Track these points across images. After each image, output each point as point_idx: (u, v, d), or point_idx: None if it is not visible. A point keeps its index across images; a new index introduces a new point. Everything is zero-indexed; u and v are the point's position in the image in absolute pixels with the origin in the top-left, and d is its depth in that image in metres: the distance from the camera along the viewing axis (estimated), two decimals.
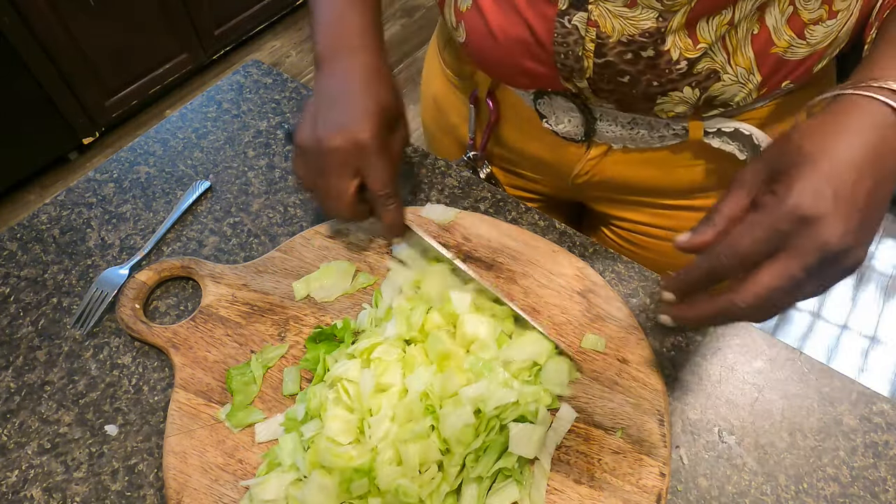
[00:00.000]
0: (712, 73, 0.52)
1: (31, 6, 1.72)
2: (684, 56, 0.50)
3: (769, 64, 0.52)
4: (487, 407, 0.46)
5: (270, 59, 2.44)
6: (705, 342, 0.57)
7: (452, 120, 0.75)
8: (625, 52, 0.51)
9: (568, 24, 0.51)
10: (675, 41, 0.50)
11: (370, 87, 0.54)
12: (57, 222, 0.66)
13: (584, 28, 0.51)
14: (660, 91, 0.53)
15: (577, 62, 0.53)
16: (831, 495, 0.49)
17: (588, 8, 0.50)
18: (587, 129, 0.61)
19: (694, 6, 0.47)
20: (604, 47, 0.51)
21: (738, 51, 0.51)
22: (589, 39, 0.51)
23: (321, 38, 0.57)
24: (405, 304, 0.55)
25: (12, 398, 0.54)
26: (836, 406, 0.54)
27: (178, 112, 0.76)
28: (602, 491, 0.47)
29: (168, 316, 0.59)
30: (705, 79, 0.52)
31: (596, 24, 0.50)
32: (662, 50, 0.50)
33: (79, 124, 2.02)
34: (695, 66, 0.51)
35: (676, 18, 0.48)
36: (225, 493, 0.48)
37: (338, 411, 0.49)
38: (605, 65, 0.53)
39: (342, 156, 0.52)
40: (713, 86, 0.53)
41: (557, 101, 0.60)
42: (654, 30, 0.49)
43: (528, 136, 0.67)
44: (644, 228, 0.71)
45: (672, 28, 0.49)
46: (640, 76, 0.52)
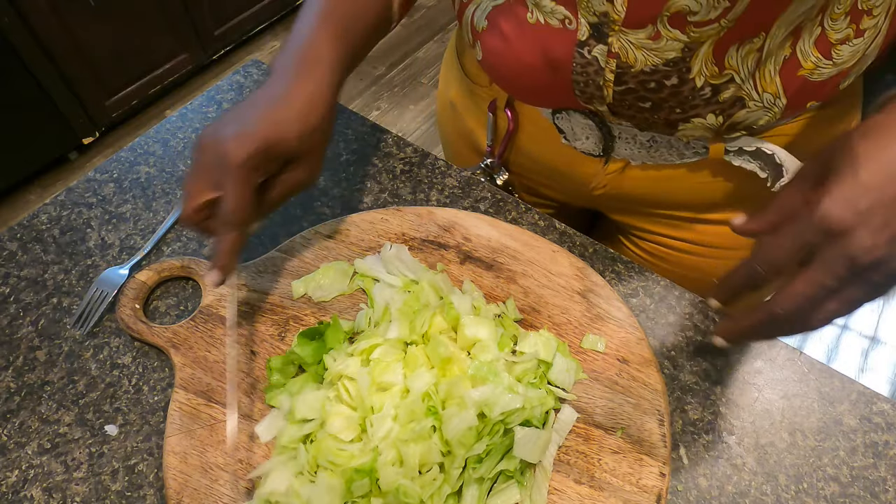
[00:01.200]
0: (737, 101, 0.51)
1: (31, 6, 1.72)
2: (709, 83, 0.49)
3: (795, 87, 0.51)
4: (493, 412, 0.46)
5: (270, 59, 2.43)
6: (705, 342, 0.57)
7: (469, 125, 0.74)
8: (647, 81, 0.50)
9: (587, 55, 0.50)
10: (700, 69, 0.49)
11: (283, 114, 0.47)
12: (57, 222, 0.66)
13: (605, 60, 0.50)
14: (682, 118, 0.52)
15: (596, 90, 0.53)
16: (831, 495, 0.49)
17: (608, 41, 0.49)
18: (606, 146, 0.60)
19: (722, 36, 0.46)
20: (624, 76, 0.50)
21: (766, 76, 0.50)
22: (609, 70, 0.50)
23: (281, 52, 0.52)
24: (407, 305, 0.55)
25: (12, 398, 0.54)
26: (836, 406, 0.54)
27: (178, 112, 0.76)
28: (602, 491, 0.47)
29: (168, 316, 0.59)
30: (730, 106, 0.51)
31: (616, 56, 0.49)
32: (687, 78, 0.49)
33: (79, 124, 2.02)
34: (720, 94, 0.50)
35: (703, 48, 0.47)
36: (225, 493, 0.48)
37: (340, 408, 0.49)
38: (625, 91, 0.52)
39: (207, 162, 0.46)
40: (738, 112, 0.52)
41: (576, 117, 0.59)
42: (678, 59, 0.48)
43: (546, 147, 0.66)
44: (663, 240, 0.70)
45: (698, 57, 0.48)
46: (663, 103, 0.51)
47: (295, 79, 0.49)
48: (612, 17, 0.47)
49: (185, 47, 2.20)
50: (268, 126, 0.46)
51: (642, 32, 0.47)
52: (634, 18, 0.47)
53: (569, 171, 0.67)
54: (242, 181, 0.45)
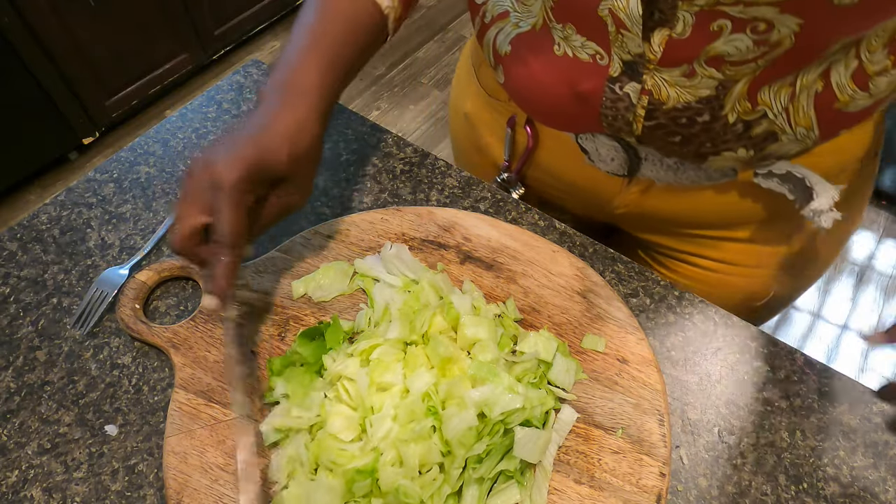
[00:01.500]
0: (770, 135, 0.50)
1: (31, 6, 1.72)
2: (742, 119, 0.49)
3: (829, 118, 0.50)
4: (493, 412, 0.46)
5: (270, 59, 2.44)
6: (705, 342, 0.57)
7: (485, 139, 0.73)
8: (679, 117, 0.49)
9: (619, 91, 0.50)
10: (733, 106, 0.48)
11: (272, 138, 0.47)
12: (57, 222, 0.66)
13: (637, 96, 0.49)
14: (712, 151, 0.52)
15: (625, 124, 0.52)
16: (831, 495, 0.49)
17: (642, 78, 0.48)
18: (631, 168, 0.59)
19: (758, 75, 0.46)
20: (656, 112, 0.50)
21: (799, 111, 0.49)
22: (641, 106, 0.50)
23: (270, 78, 0.52)
24: (407, 305, 0.55)
25: (12, 398, 0.54)
26: (836, 406, 0.54)
27: (178, 112, 0.76)
28: (602, 491, 0.47)
29: (168, 316, 0.59)
30: (762, 140, 0.50)
31: (649, 93, 0.49)
32: (719, 115, 0.48)
33: (79, 124, 2.02)
34: (752, 129, 0.49)
35: (738, 87, 0.46)
36: (225, 493, 0.48)
37: (339, 408, 0.49)
38: (655, 126, 0.51)
39: (198, 187, 0.46)
40: (770, 146, 0.51)
41: (601, 139, 0.58)
42: (712, 97, 0.47)
43: (567, 165, 0.65)
44: (687, 257, 0.69)
45: (732, 95, 0.47)
46: (693, 138, 0.51)
47: (281, 107, 0.49)
48: (648, 57, 0.46)
49: (185, 47, 2.20)
50: (257, 149, 0.46)
51: (677, 70, 0.46)
52: (671, 59, 0.46)
53: (590, 188, 0.65)
54: (236, 203, 0.45)
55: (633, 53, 0.47)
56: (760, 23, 0.41)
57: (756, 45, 0.43)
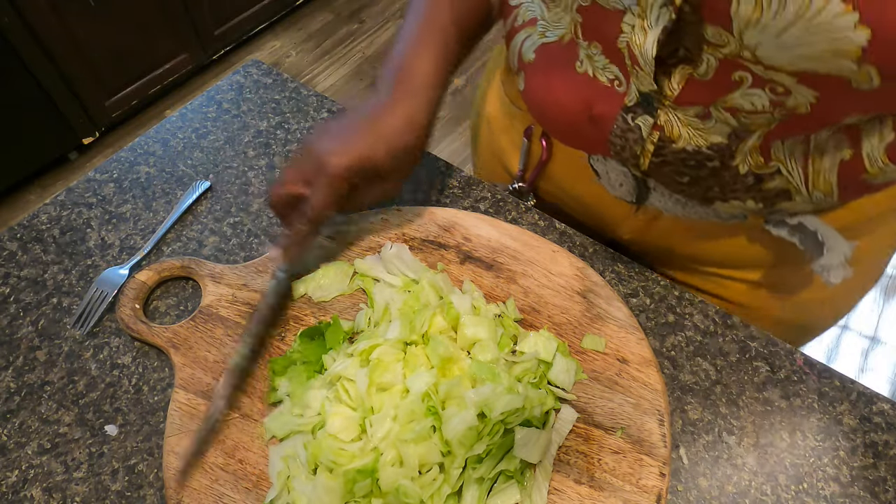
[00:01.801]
0: (783, 192, 0.48)
1: (31, 6, 1.72)
2: (753, 172, 0.47)
3: (852, 187, 0.48)
4: (493, 412, 0.46)
5: (270, 59, 2.44)
6: (705, 342, 0.57)
7: (502, 144, 0.71)
8: (688, 159, 0.48)
9: (630, 122, 0.48)
10: (745, 157, 0.46)
11: (379, 133, 0.51)
12: (57, 222, 0.66)
13: (648, 130, 0.48)
14: (720, 198, 0.50)
15: (632, 156, 0.50)
16: (831, 495, 0.49)
17: (656, 113, 0.47)
18: (639, 196, 0.57)
19: (773, 129, 0.44)
20: (665, 149, 0.48)
21: (820, 176, 0.46)
22: (650, 141, 0.48)
23: (387, 64, 0.55)
24: (407, 305, 0.55)
25: (12, 398, 0.54)
26: (836, 406, 0.54)
27: (178, 112, 0.76)
28: (602, 491, 0.47)
29: (168, 316, 0.59)
30: (774, 196, 0.48)
31: (661, 129, 0.47)
32: (730, 164, 0.47)
33: (79, 124, 2.02)
34: (764, 183, 0.47)
35: (752, 139, 0.45)
36: (225, 493, 0.48)
37: (339, 408, 0.49)
38: (663, 163, 0.50)
39: (307, 162, 0.51)
40: (781, 203, 0.49)
41: (612, 163, 0.56)
42: (724, 145, 0.46)
43: (578, 183, 0.63)
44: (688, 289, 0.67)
45: (745, 146, 0.45)
46: (701, 181, 0.49)
47: (393, 98, 0.52)
48: (665, 93, 0.45)
49: (185, 47, 2.20)
50: (366, 143, 0.50)
51: (692, 110, 0.45)
52: (688, 98, 0.45)
53: (598, 209, 0.64)
54: (332, 189, 0.50)
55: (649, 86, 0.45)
56: (779, 85, 0.40)
57: (773, 104, 0.42)
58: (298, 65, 2.43)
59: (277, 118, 0.75)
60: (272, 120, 0.75)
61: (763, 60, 0.38)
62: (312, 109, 0.76)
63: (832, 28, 0.34)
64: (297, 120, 0.75)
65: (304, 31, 2.55)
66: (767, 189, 0.48)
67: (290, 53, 2.47)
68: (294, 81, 0.79)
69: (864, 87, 0.38)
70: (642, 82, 0.45)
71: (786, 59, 0.38)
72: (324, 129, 0.52)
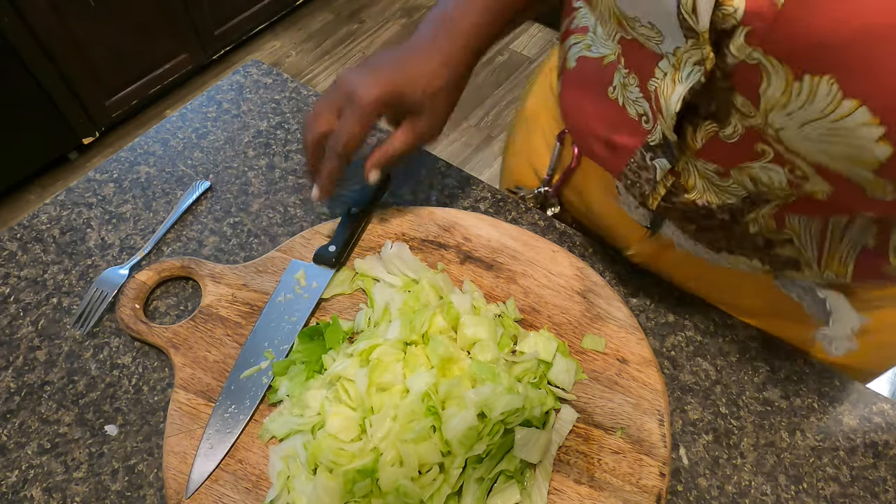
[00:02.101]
0: (792, 262, 0.46)
1: (31, 6, 1.72)
2: (763, 235, 0.45)
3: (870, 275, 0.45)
4: (493, 412, 0.46)
5: (270, 59, 2.44)
6: (705, 342, 0.57)
7: (536, 143, 0.69)
8: (697, 210, 0.46)
9: (647, 161, 0.46)
10: (757, 219, 0.44)
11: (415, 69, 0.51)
12: (57, 222, 0.66)
13: (663, 174, 0.46)
14: (726, 249, 0.49)
15: (641, 194, 0.49)
16: (831, 495, 0.49)
17: (675, 159, 0.45)
18: (653, 223, 0.55)
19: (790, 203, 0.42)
20: (676, 197, 0.46)
21: (836, 258, 0.44)
22: (663, 185, 0.47)
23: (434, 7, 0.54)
24: (407, 304, 0.55)
25: (12, 398, 0.54)
26: (836, 406, 0.54)
27: (178, 112, 0.76)
28: (602, 491, 0.47)
29: (168, 316, 0.59)
30: (782, 263, 0.47)
31: (677, 175, 0.45)
32: (740, 220, 0.45)
33: (79, 124, 2.02)
34: (774, 249, 0.46)
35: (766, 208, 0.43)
36: (225, 493, 0.48)
37: (339, 408, 0.49)
38: (670, 208, 0.48)
39: (337, 96, 0.51)
40: (789, 272, 0.47)
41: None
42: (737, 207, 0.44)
43: (599, 197, 0.62)
44: None
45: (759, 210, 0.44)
46: (709, 231, 0.48)
47: (432, 41, 0.52)
48: (688, 143, 0.43)
49: (185, 47, 2.20)
50: (397, 77, 0.50)
51: (712, 166, 0.43)
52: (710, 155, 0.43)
53: (613, 227, 0.63)
54: (361, 119, 0.50)
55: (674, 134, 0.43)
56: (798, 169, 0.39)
57: (790, 184, 0.40)
58: (298, 65, 2.43)
59: (277, 118, 0.75)
60: (272, 120, 0.75)
61: (784, 142, 0.37)
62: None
63: (855, 136, 0.33)
64: (297, 120, 0.75)
65: (304, 31, 2.55)
66: (776, 255, 0.46)
67: (290, 53, 2.47)
68: (294, 81, 0.79)
69: (878, 196, 0.36)
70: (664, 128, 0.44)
71: (806, 149, 0.36)
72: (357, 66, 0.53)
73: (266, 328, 0.55)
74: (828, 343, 0.53)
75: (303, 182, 0.69)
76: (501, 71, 2.33)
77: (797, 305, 0.54)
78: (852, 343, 0.52)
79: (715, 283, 0.58)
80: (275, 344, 0.54)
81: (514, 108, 2.22)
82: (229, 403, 0.51)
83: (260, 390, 0.52)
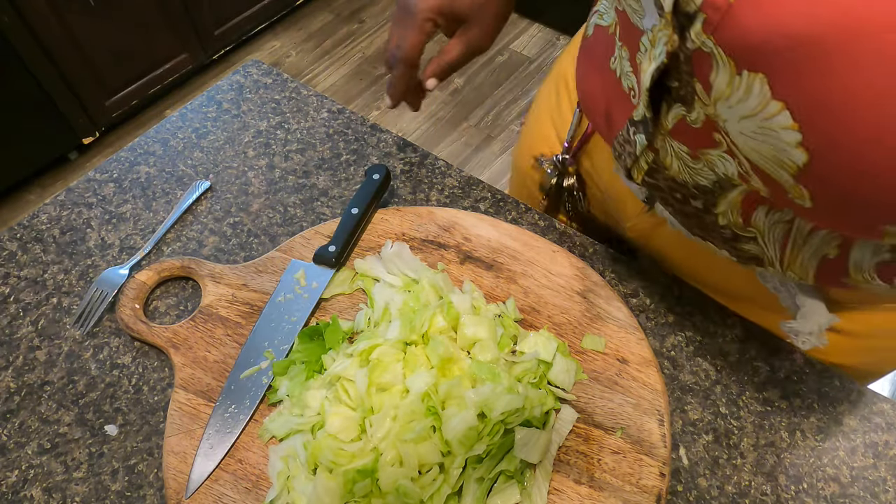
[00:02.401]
0: (756, 259, 0.47)
1: (31, 6, 1.72)
2: (731, 228, 0.46)
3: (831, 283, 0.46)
4: (493, 412, 0.46)
5: (270, 59, 2.44)
6: (705, 342, 0.57)
7: (562, 105, 0.70)
8: (676, 190, 0.48)
9: (631, 135, 0.48)
10: (726, 210, 0.45)
11: None
12: (57, 222, 0.66)
13: (643, 149, 0.47)
14: (701, 236, 0.50)
15: (626, 168, 0.51)
16: (831, 495, 0.49)
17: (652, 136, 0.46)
18: (649, 198, 0.56)
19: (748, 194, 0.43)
20: (657, 173, 0.48)
21: (797, 261, 0.45)
22: (644, 160, 0.48)
23: None
24: (407, 305, 0.55)
25: (12, 398, 0.54)
26: (836, 406, 0.54)
27: (178, 112, 0.76)
28: (602, 491, 0.47)
29: (168, 316, 0.59)
30: (747, 259, 0.48)
31: (656, 152, 0.47)
32: (711, 210, 0.46)
33: (79, 124, 2.02)
34: (739, 243, 0.47)
35: (733, 193, 0.44)
36: (225, 492, 0.48)
37: (339, 408, 0.49)
38: (654, 185, 0.50)
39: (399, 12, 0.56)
40: (754, 266, 0.48)
41: None
42: (708, 189, 0.45)
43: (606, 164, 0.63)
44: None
45: (726, 199, 0.44)
46: (686, 217, 0.49)
47: None
48: (662, 122, 0.45)
49: (185, 47, 2.20)
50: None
51: (684, 147, 0.44)
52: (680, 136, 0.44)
53: (615, 199, 0.63)
54: (417, 28, 0.55)
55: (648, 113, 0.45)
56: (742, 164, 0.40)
57: (741, 177, 0.41)
58: (298, 65, 2.43)
59: (277, 118, 0.75)
60: (272, 120, 0.75)
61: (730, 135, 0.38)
62: (312, 109, 0.76)
63: (779, 138, 0.34)
64: (297, 120, 0.75)
65: (304, 31, 2.55)
66: (742, 249, 0.48)
67: (290, 53, 2.47)
68: (294, 81, 0.79)
69: (798, 202, 0.38)
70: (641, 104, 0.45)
71: (742, 144, 0.37)
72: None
73: (266, 328, 0.55)
74: (794, 336, 0.53)
75: (303, 182, 0.69)
76: (501, 71, 2.33)
77: (774, 297, 0.55)
78: (821, 340, 0.52)
79: (704, 264, 0.59)
80: (275, 344, 0.54)
81: (514, 108, 2.22)
82: (229, 403, 0.51)
83: (260, 390, 0.52)
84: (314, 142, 0.72)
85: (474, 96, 2.26)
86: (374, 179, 0.63)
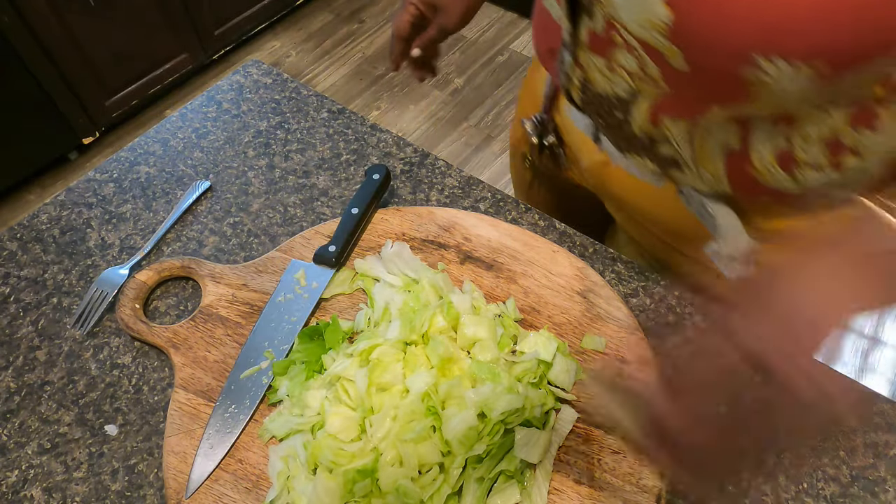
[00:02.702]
0: (673, 162, 0.50)
1: (31, 6, 1.72)
2: (646, 133, 0.49)
3: (743, 181, 0.48)
4: (493, 412, 0.46)
5: (270, 59, 2.43)
6: None
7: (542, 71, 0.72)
8: (602, 104, 0.51)
9: (564, 57, 0.52)
10: (640, 121, 0.49)
11: None
12: (57, 222, 0.66)
13: (572, 67, 0.51)
14: (626, 149, 0.53)
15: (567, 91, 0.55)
16: (831, 495, 0.49)
17: (577, 54, 0.50)
18: (595, 135, 0.60)
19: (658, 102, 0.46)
20: (587, 90, 0.52)
21: (706, 154, 0.48)
22: (576, 78, 0.52)
23: None
24: (407, 304, 0.55)
25: (12, 398, 0.54)
26: (836, 406, 0.54)
27: (178, 112, 0.76)
28: (602, 491, 0.47)
29: (168, 316, 0.59)
30: (666, 163, 0.51)
31: (583, 69, 0.50)
32: (629, 119, 0.49)
33: (79, 124, 2.02)
34: (657, 147, 0.50)
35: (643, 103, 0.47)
36: (225, 492, 0.48)
37: (339, 408, 0.49)
38: (588, 102, 0.53)
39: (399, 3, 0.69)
40: (674, 172, 0.51)
41: None
42: (625, 99, 0.48)
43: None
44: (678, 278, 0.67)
45: (638, 106, 0.48)
46: (613, 129, 0.53)
47: None
48: (580, 38, 0.49)
49: (185, 47, 2.20)
50: None
51: (601, 60, 0.48)
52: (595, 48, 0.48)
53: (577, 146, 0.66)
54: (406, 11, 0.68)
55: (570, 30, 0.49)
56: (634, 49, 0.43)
57: (640, 68, 0.44)
58: (298, 65, 2.43)
59: (277, 118, 0.75)
60: (272, 120, 0.75)
61: (618, 20, 0.42)
62: (312, 109, 0.76)
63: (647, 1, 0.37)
64: (297, 120, 0.75)
65: (304, 31, 2.55)
66: (659, 153, 0.50)
67: (290, 53, 2.47)
68: (294, 81, 0.79)
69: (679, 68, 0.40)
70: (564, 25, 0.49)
71: (626, 19, 0.41)
72: None
73: (266, 328, 0.55)
74: (716, 259, 0.54)
75: (303, 182, 0.69)
76: (501, 71, 2.33)
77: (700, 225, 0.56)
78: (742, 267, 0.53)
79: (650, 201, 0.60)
80: (275, 344, 0.54)
81: (515, 108, 2.22)
82: (229, 403, 0.51)
83: (260, 390, 0.52)
84: (314, 142, 0.72)
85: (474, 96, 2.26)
86: (374, 179, 0.63)
